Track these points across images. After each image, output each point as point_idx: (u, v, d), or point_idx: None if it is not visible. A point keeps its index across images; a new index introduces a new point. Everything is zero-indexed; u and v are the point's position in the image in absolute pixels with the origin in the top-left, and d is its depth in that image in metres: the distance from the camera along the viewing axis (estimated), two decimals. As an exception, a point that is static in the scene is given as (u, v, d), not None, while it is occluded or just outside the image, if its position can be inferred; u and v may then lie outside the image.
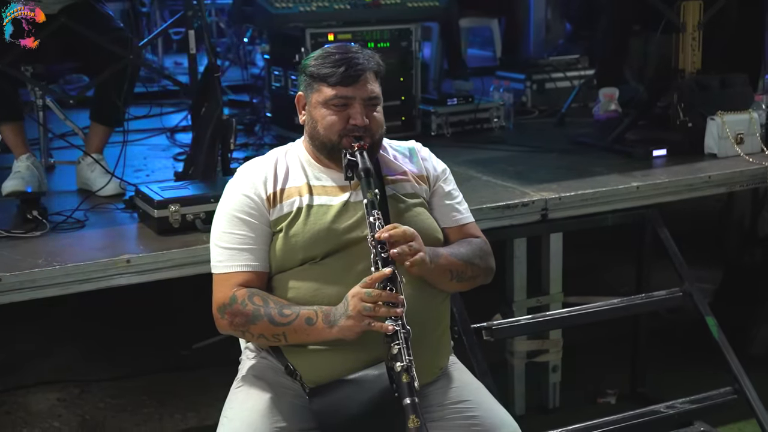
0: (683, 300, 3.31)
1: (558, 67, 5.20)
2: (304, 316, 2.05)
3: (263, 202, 2.16)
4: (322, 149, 2.20)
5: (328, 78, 2.13)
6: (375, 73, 2.19)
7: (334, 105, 2.14)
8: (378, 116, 2.19)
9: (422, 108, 4.43)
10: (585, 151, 4.06)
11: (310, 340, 2.08)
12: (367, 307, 1.95)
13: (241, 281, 2.12)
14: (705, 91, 3.95)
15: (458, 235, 2.29)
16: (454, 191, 2.35)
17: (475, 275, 2.25)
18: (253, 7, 4.26)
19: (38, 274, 2.61)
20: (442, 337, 2.30)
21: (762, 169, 3.67)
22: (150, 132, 4.61)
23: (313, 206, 2.16)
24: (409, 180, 2.27)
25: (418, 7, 4.40)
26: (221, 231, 2.17)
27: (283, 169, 2.22)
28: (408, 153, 2.34)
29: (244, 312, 2.08)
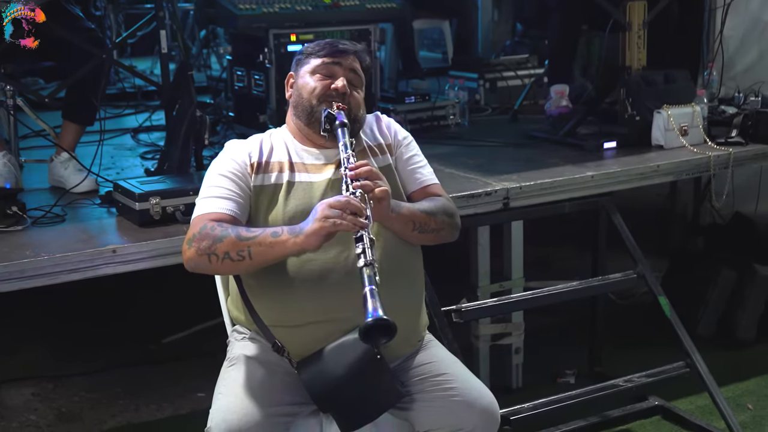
0: (637, 281, 3.51)
1: (509, 66, 5.40)
2: (270, 230, 2.16)
3: (247, 167, 2.32)
4: (302, 114, 2.37)
5: (318, 51, 2.39)
6: (360, 60, 2.41)
7: (320, 73, 2.36)
8: (358, 96, 2.39)
9: (381, 106, 4.56)
10: (539, 144, 4.24)
11: (275, 254, 2.15)
12: (335, 212, 2.07)
13: (214, 219, 2.22)
14: (651, 86, 4.16)
15: (422, 195, 2.46)
16: (417, 156, 2.52)
17: (438, 228, 2.39)
18: (217, 9, 4.36)
19: (27, 265, 2.68)
20: (418, 306, 2.44)
21: (705, 159, 3.89)
22: (115, 132, 4.66)
23: (295, 183, 2.31)
24: (376, 153, 2.43)
25: (377, 8, 4.55)
26: (205, 186, 2.32)
27: (267, 146, 2.38)
28: (374, 122, 2.51)
29: (211, 234, 2.17)
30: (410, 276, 2.40)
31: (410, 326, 2.39)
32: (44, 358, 4.17)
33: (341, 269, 2.24)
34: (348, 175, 2.16)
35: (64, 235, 2.99)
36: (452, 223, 2.44)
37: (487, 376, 3.65)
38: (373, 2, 4.57)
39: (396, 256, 2.33)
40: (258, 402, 2.20)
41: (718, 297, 4.22)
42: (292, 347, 2.28)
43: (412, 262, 2.42)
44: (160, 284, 3.74)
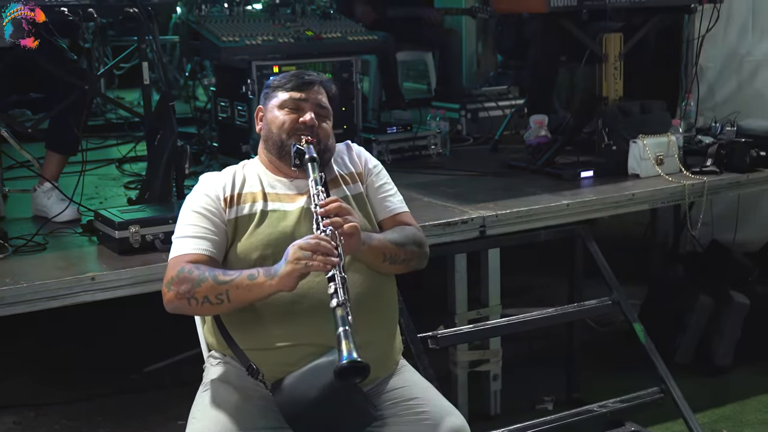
0: (612, 308, 3.56)
1: (490, 97, 5.48)
2: (246, 273, 2.20)
3: (220, 202, 2.35)
4: (273, 148, 2.42)
5: (285, 85, 2.43)
6: (326, 89, 2.47)
7: (287, 107, 2.40)
8: (327, 127, 2.43)
9: (363, 136, 4.63)
10: (518, 174, 4.31)
11: (252, 296, 2.20)
12: (306, 254, 2.12)
13: (191, 260, 2.27)
14: (627, 116, 4.24)
15: (392, 224, 2.50)
16: (387, 184, 2.55)
17: (408, 258, 2.43)
18: (201, 41, 4.44)
19: (6, 293, 2.72)
20: (393, 331, 2.48)
21: (680, 187, 3.96)
22: (99, 162, 4.71)
23: (268, 212, 2.35)
24: (348, 182, 2.48)
25: (358, 40, 4.64)
26: (181, 224, 2.35)
27: (240, 178, 2.43)
28: (345, 151, 2.56)
29: (189, 278, 2.21)
30: (384, 302, 2.44)
31: (384, 351, 2.43)
32: (25, 386, 4.18)
33: (314, 294, 2.27)
34: (318, 212, 2.21)
35: (44, 263, 3.03)
36: (421, 253, 2.49)
37: (465, 402, 3.68)
38: (355, 34, 4.67)
39: (369, 282, 2.37)
40: (232, 426, 2.23)
41: (696, 324, 4.27)
42: (266, 370, 2.31)
43: (385, 288, 2.46)
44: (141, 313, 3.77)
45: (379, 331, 2.38)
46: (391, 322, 2.49)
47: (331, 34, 4.58)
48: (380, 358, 2.38)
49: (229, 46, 4.25)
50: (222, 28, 4.42)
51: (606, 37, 4.32)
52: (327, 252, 2.12)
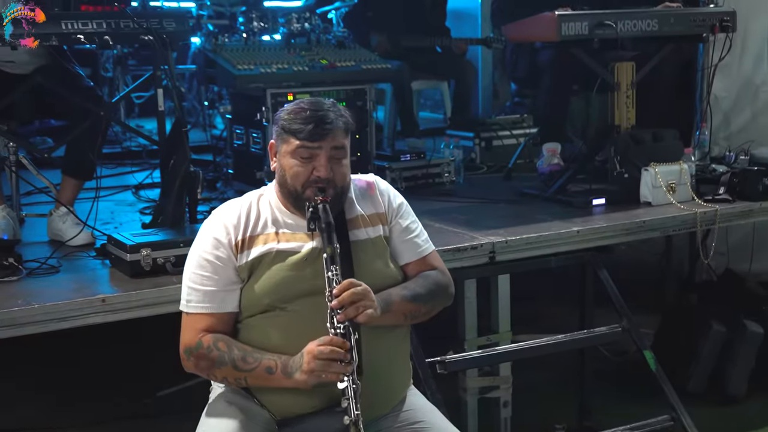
0: (622, 335, 3.55)
1: (504, 125, 5.52)
2: (264, 365, 2.21)
3: (231, 248, 2.30)
4: (288, 197, 2.34)
5: (297, 133, 2.27)
6: (344, 130, 2.33)
7: (301, 157, 2.28)
8: (342, 168, 2.32)
9: (377, 163, 4.67)
10: (529, 201, 4.33)
11: (271, 386, 2.25)
12: (320, 365, 2.12)
13: (206, 325, 2.28)
14: (639, 144, 4.26)
15: (418, 266, 2.46)
16: (412, 224, 2.49)
17: (430, 310, 2.42)
18: (216, 69, 4.51)
19: (17, 313, 2.76)
20: (403, 371, 2.48)
21: (692, 215, 3.96)
22: (116, 188, 4.78)
23: (281, 252, 2.30)
24: (369, 224, 2.41)
25: (372, 69, 4.69)
26: (191, 270, 2.33)
27: (254, 215, 2.35)
28: (366, 187, 2.48)
29: (209, 357, 2.25)
30: (396, 338, 2.43)
31: (393, 392, 2.43)
32: (40, 411, 4.20)
33: None
34: (331, 305, 2.16)
35: (56, 285, 3.07)
36: (445, 298, 2.47)
37: (475, 429, 3.67)
38: (369, 63, 4.72)
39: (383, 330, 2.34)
40: (237, 446, 2.25)
41: (709, 353, 4.24)
42: (273, 407, 2.32)
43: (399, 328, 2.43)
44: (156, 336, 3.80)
45: (384, 380, 2.36)
46: (400, 366, 2.47)
47: (345, 63, 4.64)
48: (390, 395, 2.40)
49: (244, 74, 4.31)
50: (237, 56, 4.49)
51: (618, 65, 4.34)
52: (341, 357, 2.12)
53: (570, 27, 4.02)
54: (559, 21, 3.99)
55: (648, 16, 4.24)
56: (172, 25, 3.53)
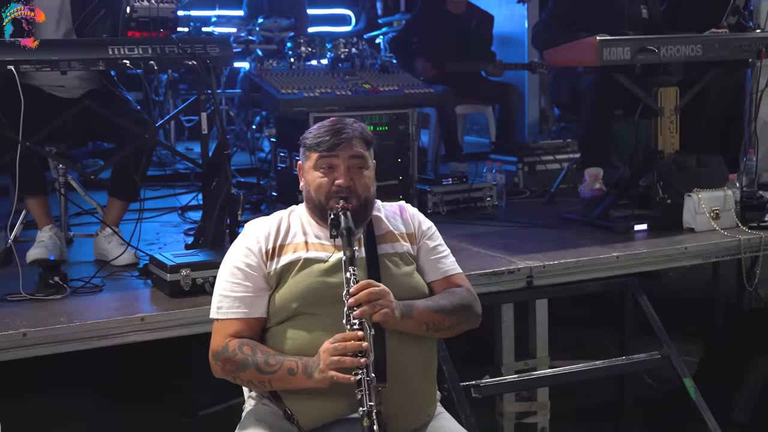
0: (662, 362, 3.51)
1: (548, 150, 5.51)
2: (286, 367, 2.25)
3: (262, 255, 2.38)
4: (314, 210, 2.41)
5: (317, 146, 2.38)
6: (363, 140, 2.41)
7: (322, 168, 2.37)
8: (364, 179, 2.39)
9: (419, 187, 4.70)
10: (570, 226, 4.32)
11: (293, 387, 2.28)
12: (334, 361, 2.15)
13: (234, 331, 2.34)
14: (682, 170, 4.22)
15: (443, 285, 2.48)
16: (440, 246, 2.53)
17: (454, 324, 2.42)
18: (261, 93, 4.59)
19: (60, 330, 2.85)
20: (430, 385, 2.47)
21: (735, 242, 3.91)
22: (163, 210, 4.88)
23: (309, 260, 2.37)
24: (398, 240, 2.47)
25: (414, 93, 4.73)
26: (222, 279, 2.41)
27: (285, 227, 2.44)
28: (398, 212, 2.54)
29: (234, 360, 2.29)
30: (422, 354, 2.43)
31: (421, 406, 2.43)
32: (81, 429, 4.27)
33: None
34: (348, 303, 2.20)
35: (99, 304, 3.16)
36: (470, 316, 2.47)
37: (512, 454, 3.66)
38: (412, 88, 4.76)
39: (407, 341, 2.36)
40: (266, 466, 2.28)
41: (754, 382, 4.17)
42: (302, 417, 2.35)
43: (424, 341, 2.44)
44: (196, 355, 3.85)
45: (412, 392, 2.37)
46: (427, 380, 2.47)
47: (388, 87, 4.68)
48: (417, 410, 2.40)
49: (288, 98, 4.38)
50: (282, 80, 4.56)
51: (662, 90, 4.32)
52: (354, 353, 2.15)
53: (611, 52, 4.01)
54: (600, 46, 3.99)
55: (692, 42, 4.22)
56: (216, 50, 3.61)
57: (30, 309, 3.08)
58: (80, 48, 3.46)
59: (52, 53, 3.35)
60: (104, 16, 3.75)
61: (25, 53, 3.32)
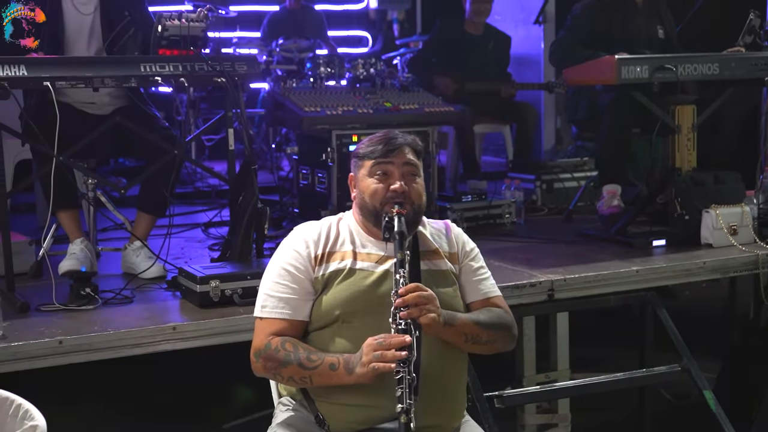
0: (682, 375, 3.55)
1: (566, 168, 5.57)
2: (328, 362, 2.30)
3: (310, 260, 2.43)
4: (369, 217, 2.46)
5: (371, 153, 2.46)
6: (413, 149, 2.49)
7: (376, 175, 2.44)
8: (417, 186, 2.46)
9: (439, 204, 4.76)
10: (589, 242, 4.37)
11: (333, 383, 2.32)
12: (376, 355, 2.20)
13: (276, 329, 2.39)
14: (700, 186, 4.28)
15: (483, 306, 2.52)
16: (482, 269, 2.58)
17: (492, 340, 2.46)
18: (285, 111, 4.68)
19: (94, 338, 2.93)
20: (460, 397, 2.52)
21: (753, 257, 3.96)
22: (186, 226, 4.96)
23: (356, 269, 2.42)
24: (442, 258, 2.51)
25: (435, 112, 4.82)
26: (269, 279, 2.45)
27: (334, 234, 2.48)
28: (443, 230, 2.59)
29: (276, 357, 2.34)
30: (455, 367, 2.48)
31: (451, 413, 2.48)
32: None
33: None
34: (396, 303, 2.24)
35: (130, 314, 3.23)
36: (507, 335, 2.52)
37: (533, 466, 3.70)
38: (432, 106, 4.85)
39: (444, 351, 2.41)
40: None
41: (773, 396, 4.19)
42: (333, 423, 2.40)
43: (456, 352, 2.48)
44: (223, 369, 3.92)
45: (443, 400, 2.42)
46: (457, 388, 2.52)
47: (408, 106, 4.77)
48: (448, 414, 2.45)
49: (311, 116, 4.47)
50: (305, 99, 4.66)
51: (679, 108, 4.38)
52: (398, 346, 2.19)
53: (629, 70, 4.09)
54: (619, 64, 4.06)
55: (709, 60, 4.29)
56: (244, 68, 3.70)
57: (63, 319, 3.16)
58: (113, 65, 3.55)
59: (86, 70, 3.44)
60: (134, 35, 3.85)
61: (59, 70, 3.41)
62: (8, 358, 2.82)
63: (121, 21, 3.83)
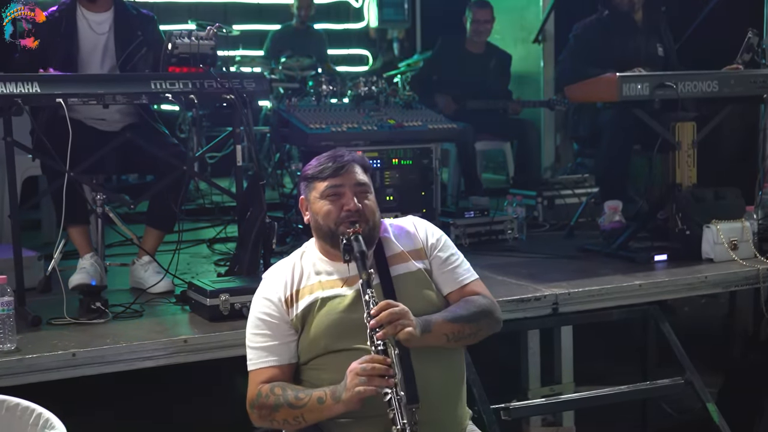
0: (685, 387, 3.59)
1: (567, 185, 5.63)
2: (315, 397, 2.32)
3: (282, 304, 2.45)
4: (325, 239, 2.47)
5: (320, 174, 2.46)
6: (362, 166, 2.49)
7: (328, 195, 2.44)
8: (370, 203, 2.47)
9: (441, 220, 4.80)
10: (592, 257, 4.42)
11: (325, 417, 2.34)
12: (362, 380, 2.22)
13: (266, 378, 2.41)
14: (700, 202, 4.33)
15: (460, 295, 2.52)
16: (452, 256, 2.56)
17: (475, 332, 2.46)
18: (290, 128, 4.73)
19: (107, 351, 2.96)
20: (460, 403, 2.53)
21: (754, 272, 4.01)
22: (191, 242, 5.00)
23: (327, 299, 2.44)
24: (409, 259, 2.51)
25: (438, 128, 4.87)
26: (249, 332, 2.49)
27: (298, 272, 2.50)
28: (404, 228, 2.58)
29: (267, 404, 2.37)
30: (451, 372, 2.50)
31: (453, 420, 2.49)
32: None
33: None
34: (370, 324, 2.25)
35: (140, 328, 3.27)
36: (490, 322, 2.51)
37: (538, 479, 3.74)
38: (435, 123, 4.90)
39: (436, 356, 2.42)
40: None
41: (774, 409, 4.24)
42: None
43: (453, 357, 2.50)
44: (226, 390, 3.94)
45: (444, 396, 2.44)
46: (457, 388, 2.53)
47: (412, 123, 4.83)
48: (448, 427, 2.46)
49: (316, 133, 4.52)
50: (310, 116, 4.71)
51: (679, 125, 4.44)
52: (382, 374, 2.21)
53: (631, 88, 4.15)
54: (620, 82, 4.12)
55: (708, 78, 4.35)
56: (252, 85, 3.75)
57: (75, 332, 3.20)
58: (124, 82, 3.61)
59: (97, 87, 3.49)
60: (146, 54, 3.91)
61: (72, 87, 3.47)
62: (23, 370, 2.86)
63: (134, 41, 3.90)
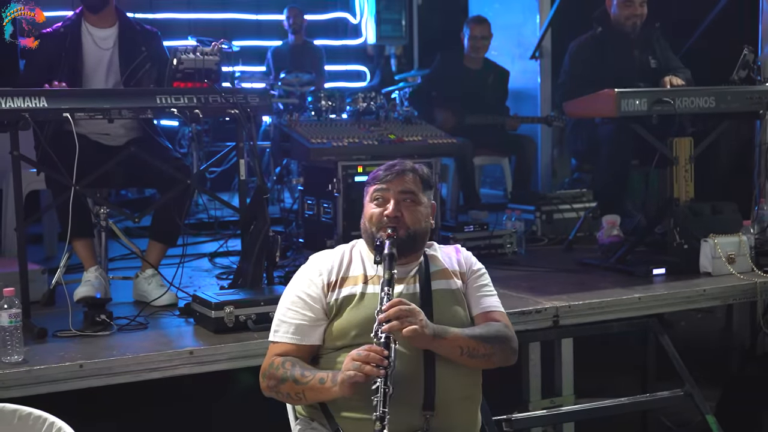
0: (684, 399, 3.62)
1: (565, 199, 5.68)
2: (318, 377, 2.39)
3: (324, 287, 2.52)
4: (367, 240, 2.58)
5: (373, 179, 2.59)
6: (418, 176, 2.58)
7: (375, 199, 2.56)
8: (413, 213, 2.53)
9: (441, 234, 4.84)
10: (591, 271, 4.46)
11: (323, 398, 2.41)
12: (356, 365, 2.28)
13: (282, 351, 2.48)
14: (698, 216, 4.38)
15: (484, 319, 2.60)
16: (487, 286, 2.67)
17: (490, 354, 2.50)
18: (291, 143, 4.78)
19: (114, 362, 2.99)
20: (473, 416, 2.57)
21: (751, 285, 4.05)
22: (193, 256, 5.03)
23: (367, 293, 2.51)
24: (451, 277, 2.60)
25: (438, 143, 4.93)
26: (283, 305, 2.55)
27: (346, 261, 2.58)
28: (453, 253, 2.69)
29: (276, 375, 2.44)
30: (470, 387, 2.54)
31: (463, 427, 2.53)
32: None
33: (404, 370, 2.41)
34: (378, 318, 2.33)
35: (146, 340, 3.30)
36: (506, 349, 2.57)
37: (539, 491, 3.76)
38: (435, 138, 4.95)
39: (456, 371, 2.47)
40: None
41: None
42: None
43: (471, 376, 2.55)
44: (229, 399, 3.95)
45: (462, 416, 2.49)
46: (475, 406, 2.58)
47: (412, 137, 4.88)
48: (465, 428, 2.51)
49: (318, 147, 4.57)
50: (311, 131, 4.76)
51: (677, 140, 4.48)
52: (376, 362, 2.27)
53: (629, 103, 4.20)
54: (618, 98, 4.18)
55: (705, 94, 4.41)
56: (256, 100, 3.80)
57: (81, 344, 3.23)
58: (130, 97, 3.65)
59: (103, 102, 3.54)
60: (150, 69, 3.96)
61: (78, 101, 3.51)
62: (31, 381, 2.88)
63: (138, 56, 3.95)
